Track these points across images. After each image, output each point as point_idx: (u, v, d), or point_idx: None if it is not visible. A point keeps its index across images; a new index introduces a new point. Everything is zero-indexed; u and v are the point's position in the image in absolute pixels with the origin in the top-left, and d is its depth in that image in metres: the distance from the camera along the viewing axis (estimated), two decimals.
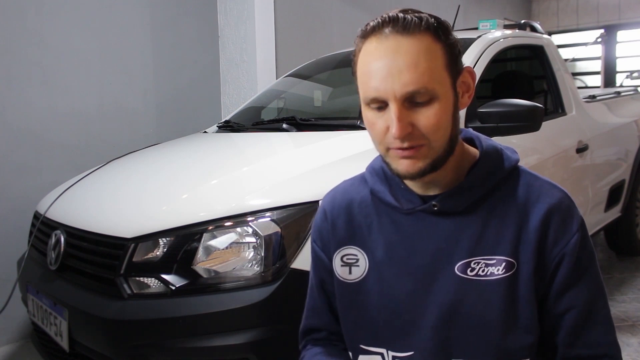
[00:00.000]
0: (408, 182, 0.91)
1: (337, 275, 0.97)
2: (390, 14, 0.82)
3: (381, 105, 0.82)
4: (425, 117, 0.80)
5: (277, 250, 1.46)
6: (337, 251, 0.97)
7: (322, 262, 1.01)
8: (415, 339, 0.89)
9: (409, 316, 0.89)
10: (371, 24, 0.84)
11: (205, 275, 1.47)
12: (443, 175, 0.88)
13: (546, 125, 2.03)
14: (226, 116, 2.97)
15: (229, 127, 2.56)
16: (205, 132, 2.66)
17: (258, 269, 1.45)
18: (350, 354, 0.98)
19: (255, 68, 3.55)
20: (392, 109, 0.80)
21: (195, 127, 3.09)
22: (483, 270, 0.86)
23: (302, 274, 1.46)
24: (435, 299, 0.87)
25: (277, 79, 3.42)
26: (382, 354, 0.93)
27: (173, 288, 1.46)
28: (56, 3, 2.87)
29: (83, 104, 2.99)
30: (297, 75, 2.99)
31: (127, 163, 2.22)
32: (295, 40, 3.94)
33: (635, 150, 3.52)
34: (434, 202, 0.88)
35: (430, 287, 0.88)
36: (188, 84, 3.52)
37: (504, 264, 0.85)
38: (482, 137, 0.95)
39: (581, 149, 2.70)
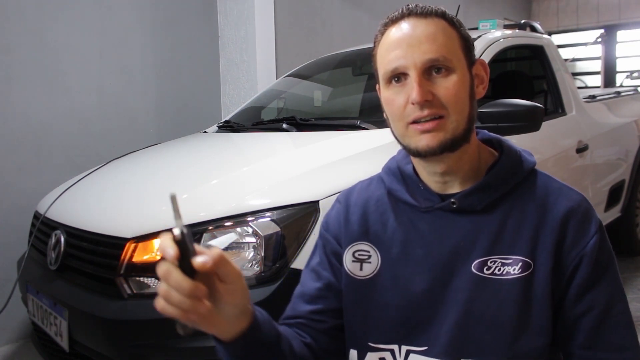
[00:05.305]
0: (426, 179, 0.92)
1: (348, 271, 0.96)
2: (407, 5, 0.88)
3: (400, 77, 0.85)
4: (444, 88, 0.83)
5: (277, 250, 1.46)
6: (349, 246, 0.97)
7: (331, 246, 1.00)
8: (431, 335, 0.89)
9: (425, 313, 0.89)
10: (390, 16, 0.89)
11: None
12: (460, 166, 0.89)
13: (546, 125, 2.03)
14: (226, 116, 2.97)
15: (229, 127, 2.56)
16: (205, 132, 2.66)
17: (258, 269, 1.45)
18: (354, 352, 0.97)
19: (255, 68, 3.56)
20: (412, 76, 0.83)
21: (195, 127, 3.09)
22: (499, 270, 0.86)
23: None
24: (451, 297, 0.88)
25: (277, 79, 3.42)
26: (392, 350, 0.92)
27: None
28: (56, 3, 2.87)
29: (83, 104, 2.99)
30: (297, 75, 2.99)
31: (127, 163, 2.22)
32: (295, 40, 3.94)
33: (635, 150, 3.52)
34: (452, 200, 0.89)
35: (447, 284, 0.88)
36: (188, 84, 3.52)
37: (520, 263, 0.85)
38: (502, 138, 0.96)
39: (581, 149, 2.70)
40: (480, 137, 0.96)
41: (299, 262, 1.46)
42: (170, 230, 0.64)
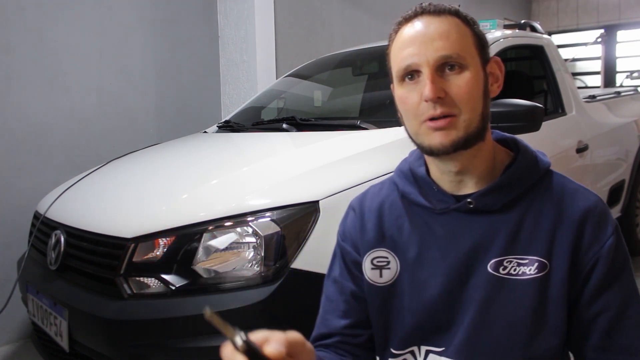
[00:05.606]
0: (439, 180, 0.92)
1: (368, 279, 0.95)
2: (421, 4, 0.88)
3: (414, 74, 0.85)
4: (457, 86, 0.83)
5: (277, 250, 1.46)
6: (367, 254, 0.96)
7: (351, 256, 0.99)
8: (449, 336, 0.89)
9: (443, 315, 0.89)
10: (404, 15, 0.89)
11: (205, 275, 1.47)
12: (475, 165, 0.88)
13: (546, 125, 2.03)
14: (226, 116, 2.97)
15: (229, 127, 2.56)
16: (205, 132, 2.66)
17: (258, 269, 1.45)
18: (377, 358, 0.97)
19: (255, 68, 3.55)
20: (425, 73, 0.83)
21: (195, 127, 3.09)
22: (515, 270, 0.85)
23: (303, 274, 1.46)
24: (468, 297, 0.87)
25: (277, 79, 3.42)
26: (412, 351, 0.92)
27: (173, 288, 1.46)
28: (56, 3, 2.87)
29: (83, 103, 2.99)
30: (297, 75, 2.99)
31: (127, 163, 2.22)
32: (295, 40, 3.94)
33: (635, 150, 3.52)
34: (469, 200, 0.88)
35: (463, 285, 0.88)
36: (188, 84, 3.52)
37: (536, 264, 0.85)
38: (517, 138, 0.95)
39: (581, 149, 2.70)
40: (495, 136, 0.95)
41: (299, 262, 1.46)
42: (229, 341, 0.59)
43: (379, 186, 1.02)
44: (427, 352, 0.91)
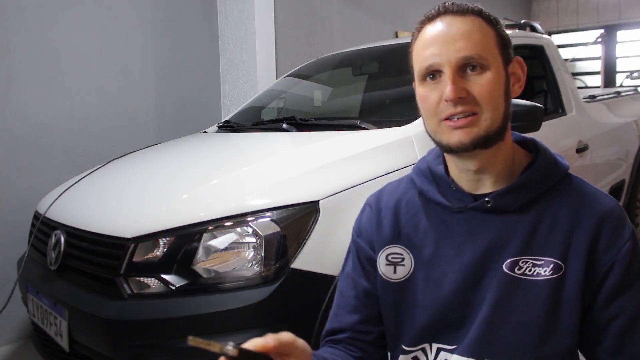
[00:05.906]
0: (458, 178, 0.92)
1: (382, 275, 0.96)
2: (444, 3, 0.89)
3: (435, 74, 0.85)
4: (479, 85, 0.83)
5: (277, 250, 1.45)
6: (382, 250, 0.97)
7: (365, 252, 1.00)
8: (461, 334, 0.89)
9: (456, 313, 0.90)
10: (427, 14, 0.89)
11: (205, 275, 1.47)
12: (494, 164, 0.88)
13: (546, 125, 2.03)
14: (226, 116, 2.97)
15: (229, 127, 2.56)
16: (205, 132, 2.66)
17: (258, 269, 1.45)
18: (389, 354, 0.98)
19: (255, 68, 3.55)
20: (447, 73, 0.84)
21: (195, 127, 3.09)
22: (530, 270, 0.86)
23: (303, 274, 1.46)
24: (482, 296, 0.88)
25: (277, 79, 3.42)
26: (423, 348, 0.93)
27: (173, 288, 1.46)
28: (56, 3, 2.87)
29: (83, 103, 2.99)
30: (297, 75, 2.99)
31: (127, 163, 2.22)
32: (295, 40, 3.94)
33: (635, 150, 3.53)
34: (487, 199, 0.88)
35: (478, 284, 0.88)
36: (188, 84, 3.52)
37: (551, 265, 0.85)
38: (537, 139, 0.96)
39: (581, 149, 2.70)
40: (514, 137, 0.95)
41: (299, 262, 1.46)
42: (221, 354, 0.64)
43: (396, 183, 1.03)
44: (439, 350, 0.91)
